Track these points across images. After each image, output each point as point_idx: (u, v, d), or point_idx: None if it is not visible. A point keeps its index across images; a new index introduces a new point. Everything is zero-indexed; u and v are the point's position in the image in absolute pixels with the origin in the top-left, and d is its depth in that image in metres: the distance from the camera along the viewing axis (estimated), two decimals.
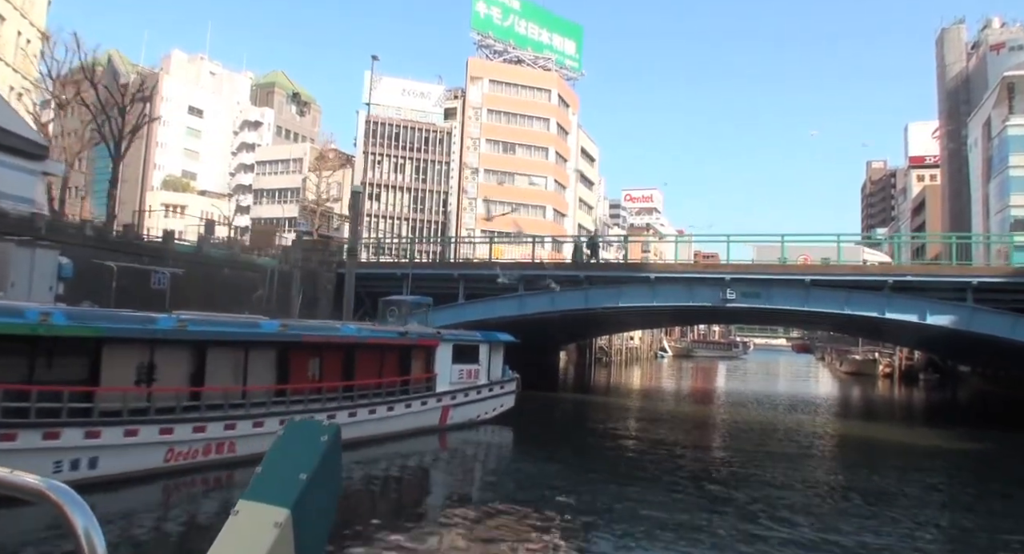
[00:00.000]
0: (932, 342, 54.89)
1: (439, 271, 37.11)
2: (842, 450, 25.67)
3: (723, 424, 31.76)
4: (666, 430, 28.33)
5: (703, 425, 31.13)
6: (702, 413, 35.02)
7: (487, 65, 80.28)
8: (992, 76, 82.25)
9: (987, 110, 77.96)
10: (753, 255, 31.79)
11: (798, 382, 65.39)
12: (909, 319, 29.60)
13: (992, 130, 75.33)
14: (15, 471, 1.55)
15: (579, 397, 40.64)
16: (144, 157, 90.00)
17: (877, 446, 26.69)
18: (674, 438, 26.06)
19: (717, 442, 26.45)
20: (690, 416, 34.02)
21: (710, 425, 31.29)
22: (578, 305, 34.15)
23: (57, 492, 1.48)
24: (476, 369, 24.32)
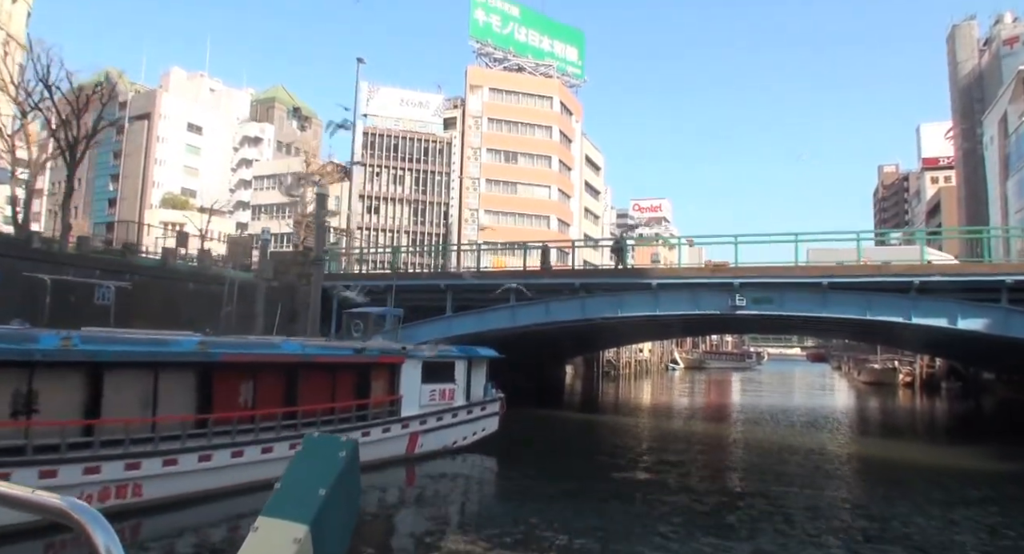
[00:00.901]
0: (954, 348, 51.43)
1: (425, 282, 34.18)
2: (869, 477, 22.31)
3: (738, 446, 28.35)
4: (677, 455, 24.95)
5: (717, 447, 27.75)
6: (716, 433, 31.57)
7: (487, 73, 77.65)
8: (1007, 71, 79.05)
9: (1003, 106, 74.75)
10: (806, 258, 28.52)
11: (815, 394, 61.72)
12: (938, 324, 26.35)
13: (1009, 126, 72.20)
14: (37, 491, 1.57)
15: (583, 416, 37.22)
16: (143, 175, 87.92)
17: (906, 470, 23.37)
18: (686, 467, 22.71)
19: (732, 469, 23.09)
20: (703, 437, 30.55)
21: (724, 447, 27.91)
22: (575, 316, 31.06)
23: (79, 511, 1.48)
24: (451, 389, 21.23)
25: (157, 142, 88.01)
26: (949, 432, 36.81)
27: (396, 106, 74.71)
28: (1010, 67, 77.96)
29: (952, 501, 17.54)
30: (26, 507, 1.54)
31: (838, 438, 30.55)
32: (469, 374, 22.41)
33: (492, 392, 23.46)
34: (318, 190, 27.30)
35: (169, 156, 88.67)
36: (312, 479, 3.54)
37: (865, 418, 39.85)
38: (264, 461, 15.30)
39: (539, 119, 78.00)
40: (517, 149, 76.66)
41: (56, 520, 1.50)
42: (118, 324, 21.02)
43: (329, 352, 18.17)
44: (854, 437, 31.43)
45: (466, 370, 22.11)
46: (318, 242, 27.67)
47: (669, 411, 41.56)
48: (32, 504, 1.54)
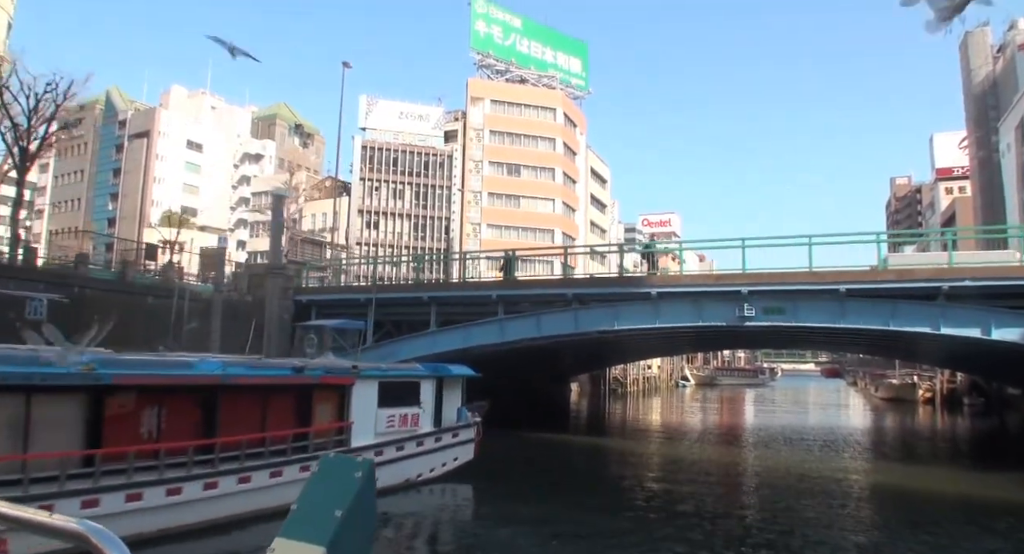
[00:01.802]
0: (979, 362, 48.02)
1: (407, 295, 31.35)
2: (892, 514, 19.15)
3: (751, 477, 24.92)
4: (686, 486, 21.60)
5: (729, 477, 24.35)
6: (727, 462, 27.91)
7: (488, 85, 75.17)
8: (1022, 77, 76.19)
9: (1020, 111, 71.79)
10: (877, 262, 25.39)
11: (831, 412, 58.20)
12: (969, 334, 23.26)
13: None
14: (55, 515, 1.60)
15: (584, 440, 33.89)
16: (142, 193, 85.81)
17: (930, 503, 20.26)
18: (695, 501, 19.58)
19: (745, 507, 19.90)
20: (714, 467, 26.91)
21: (737, 477, 24.52)
22: (567, 330, 28.12)
23: (97, 535, 1.49)
24: (414, 414, 18.29)
25: (156, 160, 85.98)
26: (975, 456, 33.44)
27: (395, 119, 72.31)
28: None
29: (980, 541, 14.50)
30: (45, 531, 1.56)
31: (856, 466, 27.27)
32: (439, 396, 19.51)
33: (467, 416, 20.50)
34: (274, 191, 24.46)
35: (168, 174, 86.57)
36: (328, 500, 3.74)
37: (884, 441, 36.45)
38: (170, 505, 12.49)
39: (542, 131, 75.39)
40: (520, 161, 74.03)
41: (73, 544, 1.51)
42: None
43: (258, 372, 15.17)
44: (873, 464, 28.12)
45: (435, 391, 19.18)
46: (273, 247, 24.83)
47: (678, 433, 38.28)
48: (51, 528, 1.56)
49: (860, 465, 27.14)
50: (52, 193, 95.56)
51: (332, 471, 4.09)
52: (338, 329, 21.31)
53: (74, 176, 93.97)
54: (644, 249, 27.66)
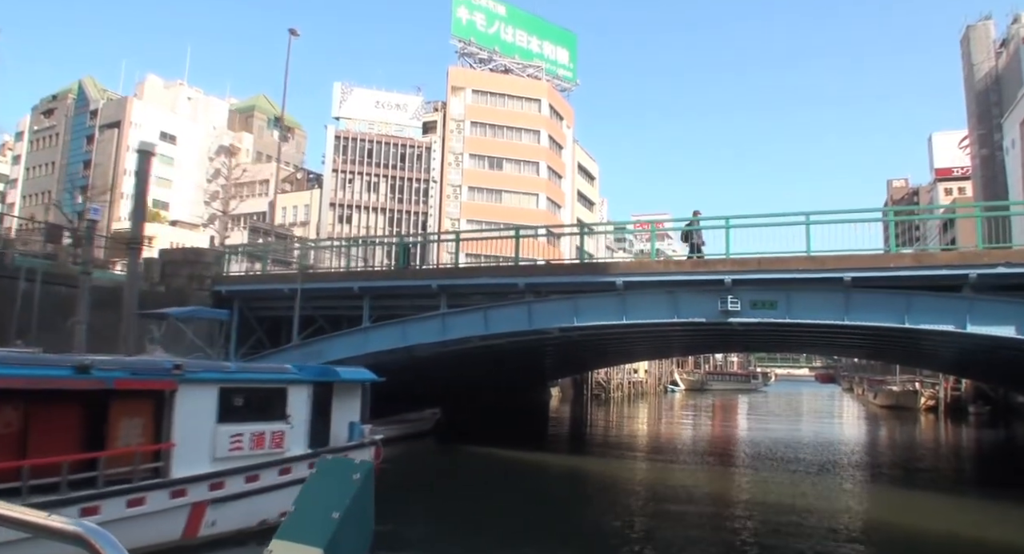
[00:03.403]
0: (991, 367, 43.33)
1: (336, 285, 26.50)
2: None
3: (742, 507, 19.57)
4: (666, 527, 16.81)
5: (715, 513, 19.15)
6: (715, 489, 21.89)
7: (470, 74, 70.47)
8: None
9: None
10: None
11: (827, 422, 53.08)
12: (1002, 334, 18.50)
13: None
14: (52, 516, 1.57)
15: (552, 459, 28.31)
16: (111, 186, 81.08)
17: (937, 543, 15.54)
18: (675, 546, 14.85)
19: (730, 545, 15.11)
20: (701, 496, 21.16)
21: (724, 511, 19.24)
22: (520, 327, 23.32)
23: (95, 535, 1.48)
24: (277, 431, 13.50)
25: (127, 151, 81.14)
26: (984, 480, 28.58)
27: (371, 108, 67.59)
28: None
29: None
30: (42, 532, 1.54)
31: (854, 495, 22.16)
32: (320, 407, 14.74)
33: (361, 433, 15.69)
34: (140, 146, 19.72)
35: None
36: (326, 502, 3.63)
37: (885, 460, 31.33)
38: None
39: (526, 123, 70.71)
40: (502, 154, 69.30)
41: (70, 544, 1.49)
42: None
43: (13, 372, 10.35)
44: (873, 492, 22.92)
45: (311, 401, 14.35)
46: (136, 218, 19.99)
47: (663, 450, 33.12)
48: (47, 529, 1.54)
49: (858, 495, 22.10)
50: (24, 185, 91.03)
51: (330, 473, 3.96)
52: (186, 318, 16.41)
53: (45, 168, 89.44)
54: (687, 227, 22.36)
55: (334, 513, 3.86)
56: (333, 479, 4.10)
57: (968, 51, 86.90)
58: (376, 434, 16.13)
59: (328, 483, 4.09)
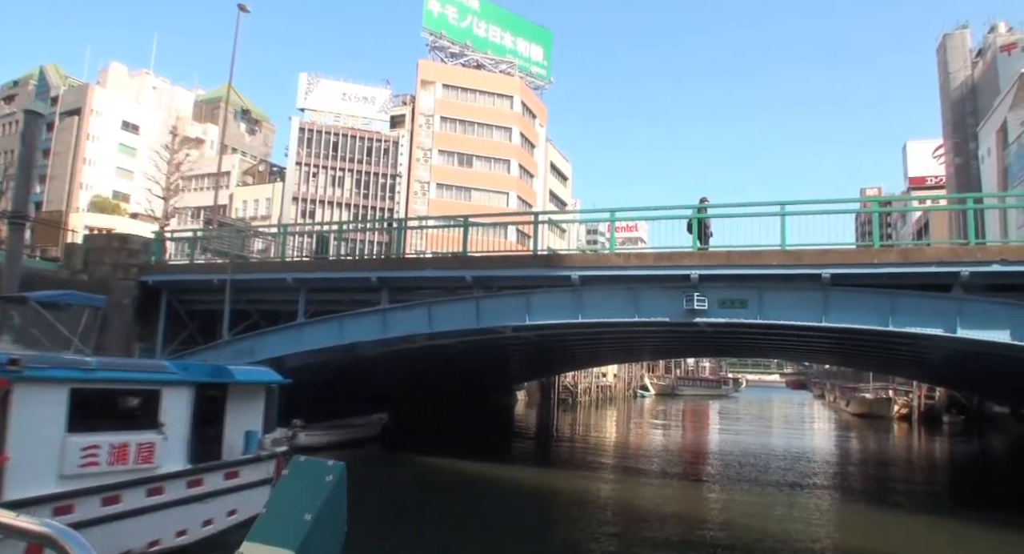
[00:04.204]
0: (962, 376, 41.61)
1: (270, 276, 23.99)
2: None
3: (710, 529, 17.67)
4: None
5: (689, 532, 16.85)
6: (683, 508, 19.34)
7: (440, 68, 68.04)
8: (1004, 79, 70.57)
9: (1002, 114, 66.19)
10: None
11: (799, 432, 51.01)
12: (995, 339, 16.44)
13: (1009, 135, 63.71)
14: (21, 516, 1.57)
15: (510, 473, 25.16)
16: (70, 176, 77.82)
17: None
18: None
19: None
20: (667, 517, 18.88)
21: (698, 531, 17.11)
22: (467, 325, 20.98)
23: (64, 536, 1.47)
24: (146, 443, 11.01)
25: (87, 140, 77.97)
26: (959, 493, 26.65)
27: (338, 100, 65.01)
28: (1008, 74, 69.73)
29: None
30: (10, 532, 1.52)
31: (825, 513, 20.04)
32: (212, 414, 12.28)
33: (258, 444, 13.22)
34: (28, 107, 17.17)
35: (100, 156, 78.52)
36: (298, 504, 3.43)
37: (858, 473, 29.25)
38: None
39: (498, 119, 68.38)
40: (472, 151, 66.92)
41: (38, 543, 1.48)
42: None
43: None
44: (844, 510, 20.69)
45: (192, 407, 11.87)
46: (19, 190, 17.40)
47: (632, 461, 30.54)
48: (16, 529, 1.52)
49: (832, 515, 19.83)
50: None
51: (302, 474, 3.75)
52: (51, 303, 13.81)
53: (5, 155, 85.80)
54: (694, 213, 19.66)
55: (306, 515, 3.62)
56: (305, 480, 3.89)
57: (944, 60, 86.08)
58: (279, 445, 13.67)
59: (300, 484, 3.89)
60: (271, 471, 13.14)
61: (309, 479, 3.89)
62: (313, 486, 3.83)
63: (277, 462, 13.30)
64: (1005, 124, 66.01)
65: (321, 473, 3.90)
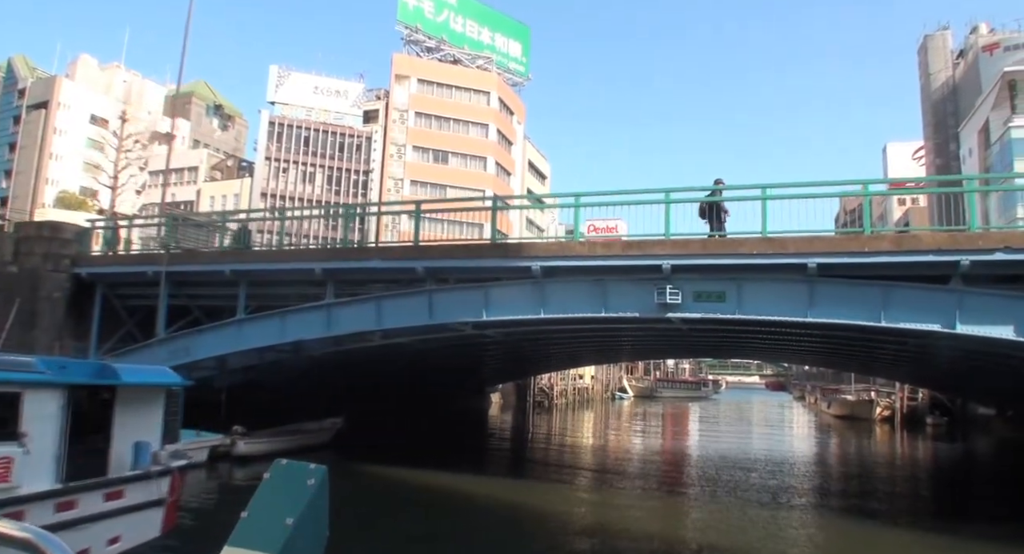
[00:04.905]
0: (946, 377, 40.07)
1: (207, 267, 21.89)
2: None
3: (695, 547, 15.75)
4: None
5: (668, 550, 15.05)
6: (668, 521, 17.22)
7: (416, 62, 66.01)
8: (986, 79, 69.56)
9: (983, 114, 65.14)
10: None
11: (780, 436, 49.20)
12: (998, 335, 14.68)
13: (991, 135, 62.58)
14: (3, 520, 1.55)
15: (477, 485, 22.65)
16: (36, 170, 75.13)
17: None
18: None
19: None
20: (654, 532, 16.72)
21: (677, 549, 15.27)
22: (419, 320, 18.98)
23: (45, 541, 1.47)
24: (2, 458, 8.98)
25: (54, 134, 75.31)
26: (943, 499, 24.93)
27: (309, 94, 62.83)
28: (989, 75, 68.68)
29: None
30: None
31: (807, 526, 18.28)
32: (94, 422, 10.23)
33: (148, 458, 11.11)
34: None
35: (68, 150, 75.89)
36: (280, 508, 3.37)
37: (840, 480, 27.44)
38: None
39: (474, 116, 66.40)
40: (448, 148, 64.88)
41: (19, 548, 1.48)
42: None
43: None
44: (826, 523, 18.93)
45: (65, 414, 9.75)
46: None
47: (609, 471, 28.24)
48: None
49: (812, 527, 18.00)
50: None
51: (283, 478, 3.62)
52: None
53: None
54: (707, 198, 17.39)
55: (288, 519, 3.43)
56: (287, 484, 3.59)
57: (925, 61, 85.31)
58: (178, 459, 11.59)
59: (281, 488, 3.59)
60: (164, 490, 11.07)
61: (290, 482, 3.74)
62: (294, 490, 3.70)
63: (173, 479, 11.21)
64: (987, 124, 64.97)
65: (303, 476, 3.76)
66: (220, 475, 21.23)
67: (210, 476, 20.88)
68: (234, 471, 21.73)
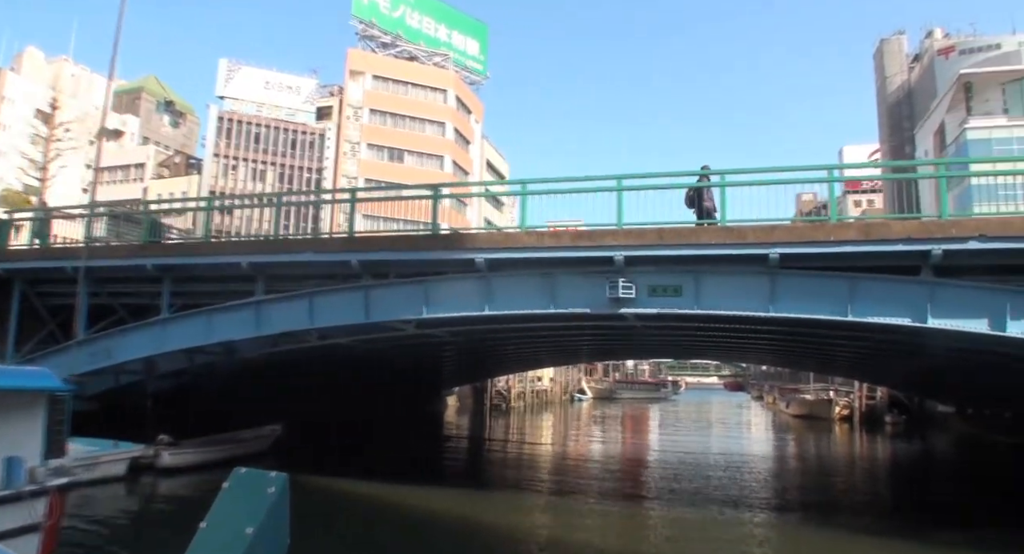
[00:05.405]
0: (904, 374, 39.56)
1: (129, 262, 20.12)
2: None
3: None
4: None
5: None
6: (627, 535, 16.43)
7: (371, 58, 64.32)
8: (941, 82, 69.92)
9: (939, 116, 65.32)
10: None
11: (740, 437, 48.26)
12: (972, 329, 13.65)
13: (947, 137, 62.75)
14: None
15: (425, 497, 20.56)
16: None
17: None
18: None
19: None
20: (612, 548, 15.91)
21: None
22: (354, 319, 17.48)
23: None
24: None
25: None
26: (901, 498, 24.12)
27: (260, 89, 60.83)
28: (944, 78, 69.05)
29: None
30: None
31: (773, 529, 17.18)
32: None
33: (24, 477, 9.45)
34: None
35: (11, 147, 72.74)
36: (239, 517, 3.33)
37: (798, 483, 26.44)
38: None
39: (430, 113, 64.88)
40: (403, 146, 63.26)
41: None
42: None
43: None
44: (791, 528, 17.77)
45: None
46: None
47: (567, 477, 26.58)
48: None
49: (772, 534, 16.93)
50: None
51: (243, 486, 3.61)
52: None
53: None
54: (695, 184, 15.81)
55: (248, 528, 3.39)
56: (246, 492, 3.56)
57: (881, 64, 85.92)
58: (59, 477, 9.96)
59: (241, 497, 3.57)
60: (41, 513, 9.45)
61: (250, 491, 3.66)
62: (254, 498, 3.61)
63: (52, 500, 9.59)
64: (943, 126, 65.15)
65: (263, 485, 3.66)
66: (141, 489, 19.46)
67: (130, 491, 19.08)
68: (158, 484, 19.96)
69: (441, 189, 19.94)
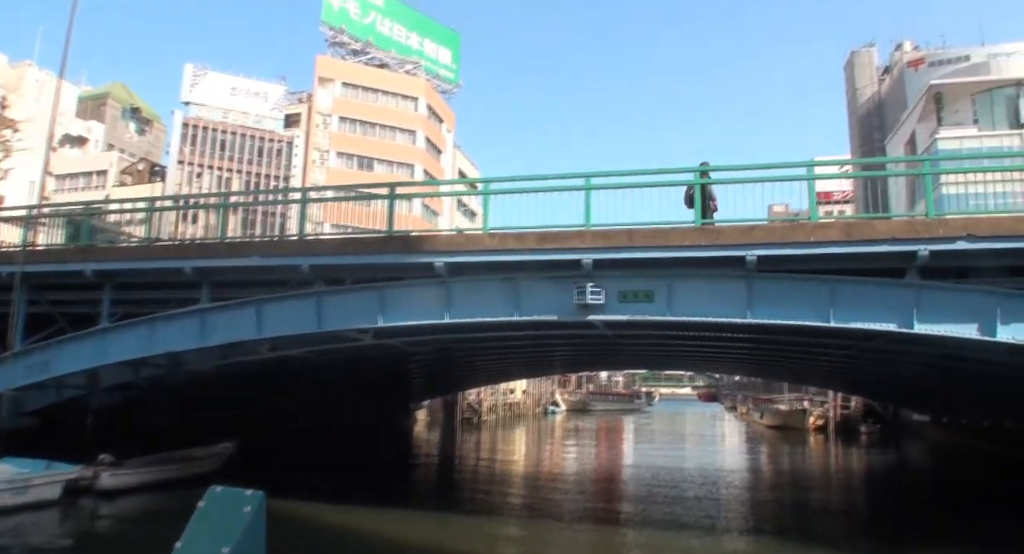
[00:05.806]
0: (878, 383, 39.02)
1: (67, 267, 18.76)
2: None
3: None
4: None
5: None
6: None
7: (340, 65, 63.16)
8: (911, 94, 70.21)
9: (910, 126, 65.25)
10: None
11: (714, 450, 47.29)
12: (961, 334, 12.82)
13: (918, 147, 62.68)
14: None
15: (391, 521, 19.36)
16: None
17: None
18: None
19: None
20: None
21: None
22: (306, 328, 16.29)
23: None
24: None
25: None
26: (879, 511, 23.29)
27: (227, 95, 59.29)
28: (915, 89, 69.39)
29: None
30: None
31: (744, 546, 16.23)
32: None
33: None
34: None
35: None
36: (215, 536, 3.32)
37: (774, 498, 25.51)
38: None
39: (401, 122, 63.76)
40: (373, 154, 62.01)
41: None
42: None
43: None
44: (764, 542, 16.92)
45: None
46: None
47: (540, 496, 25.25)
48: None
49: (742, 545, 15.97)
50: None
51: (219, 505, 3.61)
52: None
53: None
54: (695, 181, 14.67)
55: (224, 548, 3.36)
56: (222, 511, 3.57)
57: (852, 76, 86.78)
58: None
59: (217, 516, 3.57)
60: None
61: (226, 510, 3.60)
62: (230, 517, 3.55)
63: None
64: (913, 136, 65.08)
65: (239, 503, 3.60)
66: (78, 514, 18.02)
67: (65, 516, 17.64)
68: (99, 508, 18.52)
69: (397, 189, 18.70)
